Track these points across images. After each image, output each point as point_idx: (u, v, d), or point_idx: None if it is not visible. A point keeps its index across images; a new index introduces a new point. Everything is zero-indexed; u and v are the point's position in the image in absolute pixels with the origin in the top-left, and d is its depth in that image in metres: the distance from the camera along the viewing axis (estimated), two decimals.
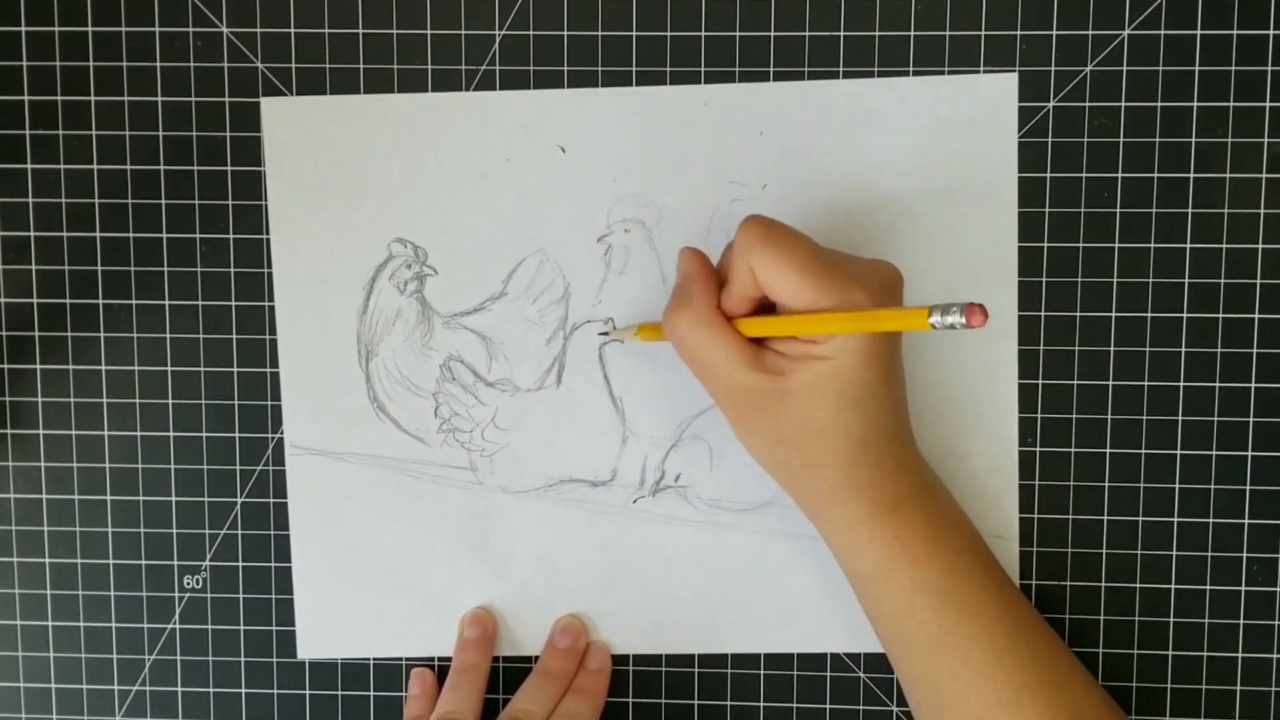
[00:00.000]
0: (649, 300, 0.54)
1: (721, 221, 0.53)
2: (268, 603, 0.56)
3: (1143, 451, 0.53)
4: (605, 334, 0.54)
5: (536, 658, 0.55)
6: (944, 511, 0.49)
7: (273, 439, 0.55)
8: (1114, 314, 0.53)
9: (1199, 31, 0.52)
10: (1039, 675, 0.46)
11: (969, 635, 0.46)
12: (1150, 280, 0.53)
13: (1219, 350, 0.53)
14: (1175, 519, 0.54)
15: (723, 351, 0.46)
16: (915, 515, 0.47)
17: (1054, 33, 0.52)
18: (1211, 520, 0.54)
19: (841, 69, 0.53)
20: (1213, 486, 0.54)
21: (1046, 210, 0.53)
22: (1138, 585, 0.54)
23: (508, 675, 0.56)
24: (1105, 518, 0.54)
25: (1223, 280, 0.53)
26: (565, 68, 0.53)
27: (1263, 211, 0.52)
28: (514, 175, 0.53)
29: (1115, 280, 0.53)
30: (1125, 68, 0.52)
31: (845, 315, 0.44)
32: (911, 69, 0.53)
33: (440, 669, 0.56)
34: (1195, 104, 0.52)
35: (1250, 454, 0.53)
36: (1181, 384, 0.53)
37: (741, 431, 0.48)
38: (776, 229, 0.45)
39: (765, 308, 0.47)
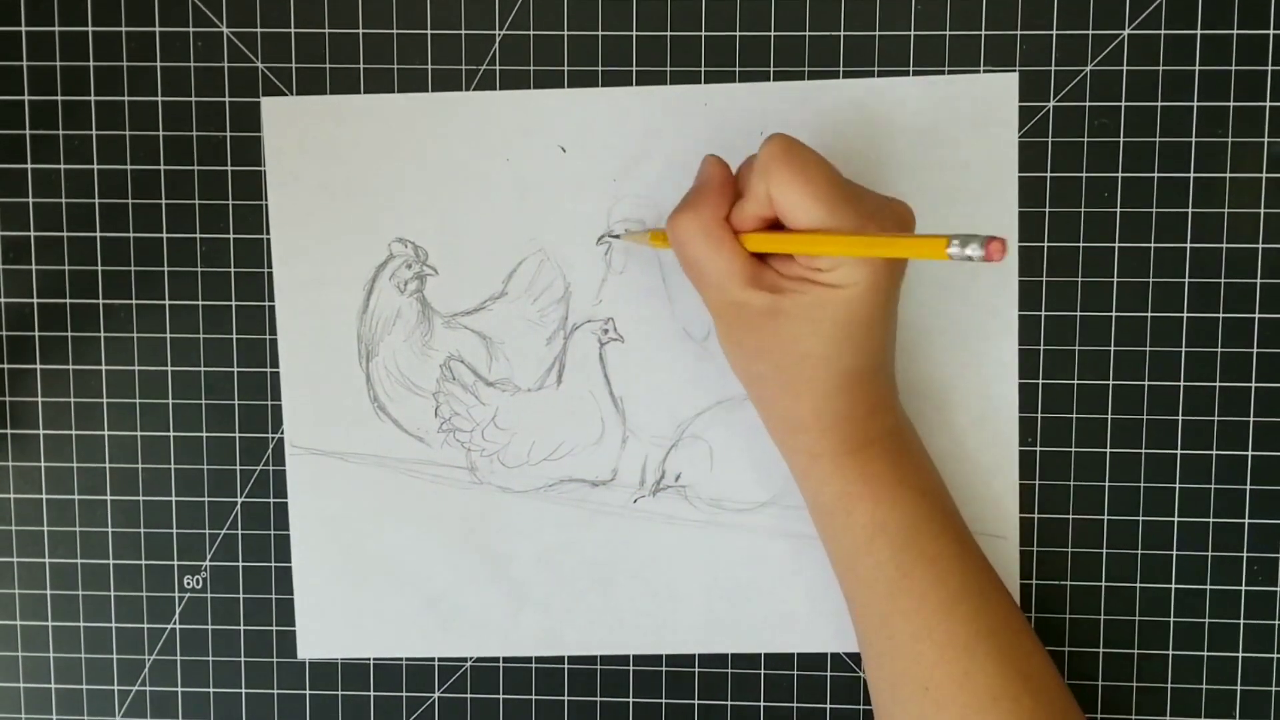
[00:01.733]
0: (649, 300, 0.54)
1: None
2: (268, 603, 0.56)
3: (1143, 451, 0.53)
4: (617, 236, 0.53)
5: (538, 659, 0.55)
6: (911, 454, 0.49)
7: (273, 439, 0.55)
8: (1114, 314, 0.53)
9: (1199, 31, 0.52)
10: (992, 625, 0.47)
11: (925, 577, 0.46)
12: (1150, 280, 0.53)
13: (1219, 350, 0.53)
14: (1175, 519, 0.54)
15: (723, 263, 0.45)
16: (883, 454, 0.47)
17: (1054, 32, 0.52)
18: (1212, 520, 0.54)
19: (842, 69, 0.53)
20: (1213, 486, 0.54)
21: (1047, 210, 0.53)
22: (1138, 585, 0.54)
23: (507, 676, 0.56)
24: (1105, 518, 0.54)
25: (1223, 280, 0.53)
26: (565, 68, 0.53)
27: (1263, 211, 0.52)
28: (514, 175, 0.53)
29: (1115, 280, 0.53)
30: (1125, 67, 0.52)
31: (859, 238, 0.42)
32: (911, 69, 0.53)
33: (441, 669, 0.56)
34: (1195, 104, 0.52)
35: (1250, 454, 0.53)
36: (1181, 384, 0.53)
37: (727, 344, 0.48)
38: (799, 150, 0.44)
39: (775, 229, 0.46)
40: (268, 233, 0.54)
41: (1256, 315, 0.53)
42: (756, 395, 0.49)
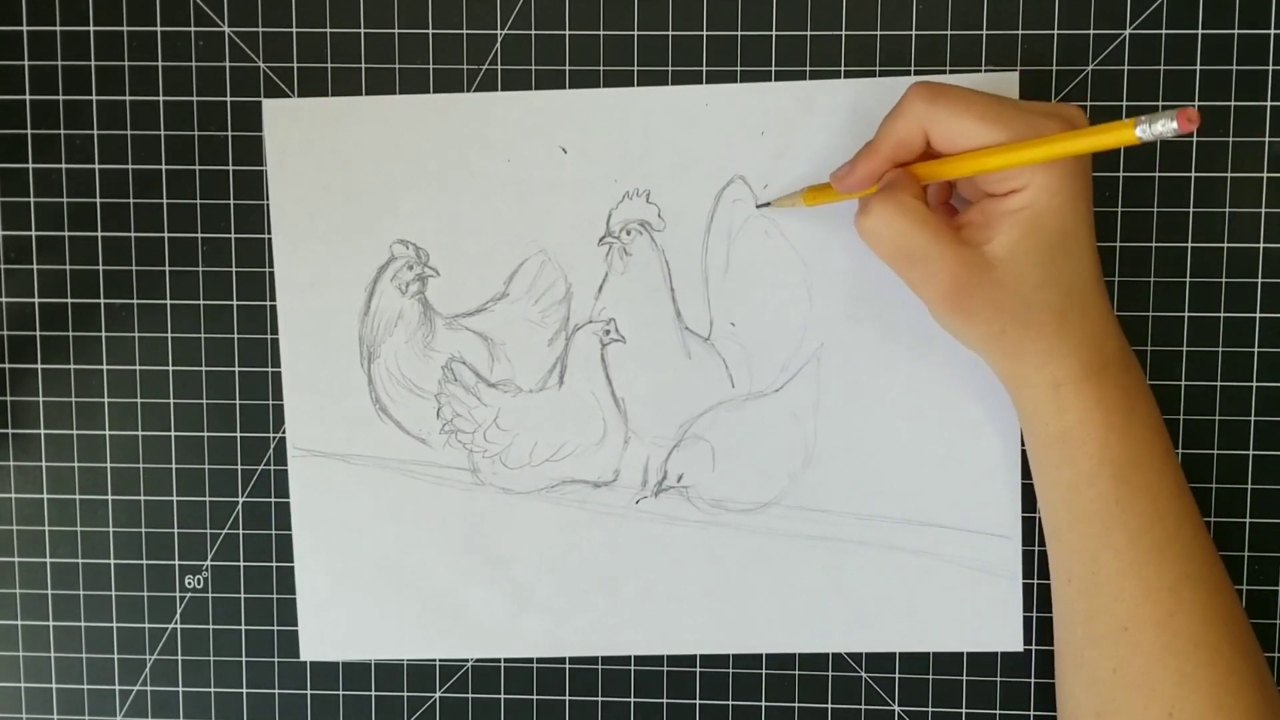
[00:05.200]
0: (651, 300, 0.54)
1: (722, 221, 0.53)
2: (269, 602, 0.56)
3: None
4: (767, 204, 0.52)
5: (539, 659, 0.55)
6: (1139, 382, 0.48)
7: (274, 439, 0.55)
8: (1115, 313, 0.53)
9: (1200, 31, 0.52)
10: (1200, 570, 0.46)
11: (1143, 514, 0.46)
12: (1151, 279, 0.53)
13: (1220, 349, 0.53)
14: None
15: (928, 235, 0.44)
16: (1117, 380, 0.47)
17: (1055, 32, 0.52)
18: (1213, 520, 0.54)
19: (843, 69, 0.53)
20: (1214, 486, 0.54)
21: None
22: None
23: (509, 676, 0.56)
24: None
25: (1224, 279, 0.53)
26: (567, 67, 0.53)
27: (1264, 211, 0.52)
28: (515, 176, 0.53)
29: (1117, 279, 0.53)
30: (1126, 67, 0.52)
31: (1041, 142, 0.42)
32: (913, 69, 0.53)
33: (442, 669, 0.56)
34: (1196, 104, 0.52)
35: (1251, 453, 0.53)
36: (1183, 383, 0.53)
37: (957, 321, 0.46)
38: (940, 85, 0.44)
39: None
40: (269, 232, 0.54)
41: (1257, 315, 0.53)
42: (998, 351, 0.47)
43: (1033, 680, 0.54)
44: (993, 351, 0.48)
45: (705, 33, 0.53)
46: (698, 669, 0.55)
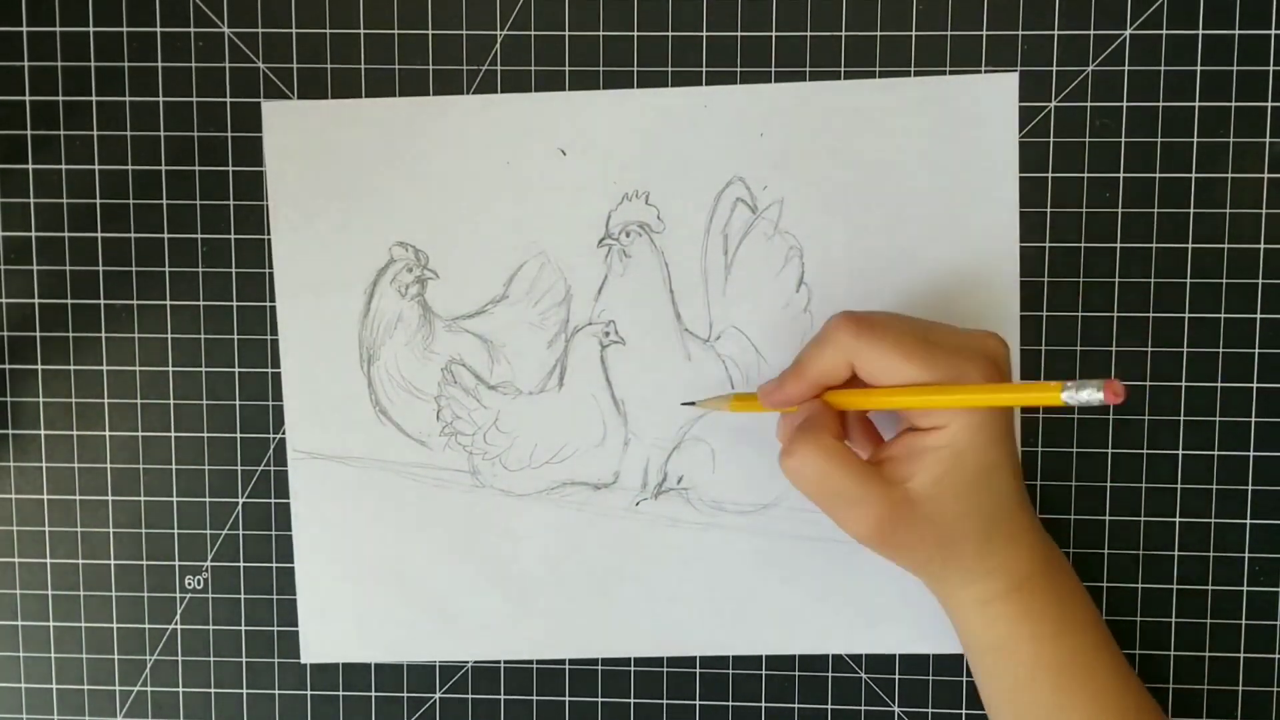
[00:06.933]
0: (651, 302, 0.53)
1: (721, 223, 0.53)
2: (269, 603, 0.56)
3: (1144, 452, 0.53)
4: (692, 403, 0.53)
5: (540, 660, 0.55)
6: (1067, 587, 0.49)
7: (274, 439, 0.55)
8: (1115, 314, 0.53)
9: (1200, 31, 0.52)
10: None
11: (1084, 712, 0.47)
12: (1152, 280, 0.53)
13: (1220, 350, 0.53)
14: (1176, 519, 0.54)
15: (851, 477, 0.45)
16: (1042, 590, 0.48)
17: (1055, 32, 0.52)
18: (1213, 520, 0.54)
19: (843, 69, 0.53)
20: (1214, 486, 0.54)
21: (1048, 210, 0.53)
22: (1139, 585, 0.54)
23: (509, 676, 0.56)
24: (1106, 518, 0.54)
25: (1224, 280, 0.53)
26: (566, 68, 0.53)
27: (1264, 211, 0.52)
28: (514, 178, 0.53)
29: (1117, 280, 0.53)
30: (1127, 68, 0.52)
31: (964, 390, 0.43)
32: (913, 69, 0.52)
33: (442, 670, 0.56)
34: (1197, 104, 0.52)
35: (1252, 454, 0.53)
36: (1183, 384, 0.53)
37: (889, 551, 0.47)
38: (866, 318, 0.45)
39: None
40: (268, 233, 0.54)
41: (1258, 315, 0.53)
42: (926, 574, 0.49)
43: None
44: (920, 575, 0.49)
45: (705, 34, 0.53)
46: (698, 670, 0.55)
